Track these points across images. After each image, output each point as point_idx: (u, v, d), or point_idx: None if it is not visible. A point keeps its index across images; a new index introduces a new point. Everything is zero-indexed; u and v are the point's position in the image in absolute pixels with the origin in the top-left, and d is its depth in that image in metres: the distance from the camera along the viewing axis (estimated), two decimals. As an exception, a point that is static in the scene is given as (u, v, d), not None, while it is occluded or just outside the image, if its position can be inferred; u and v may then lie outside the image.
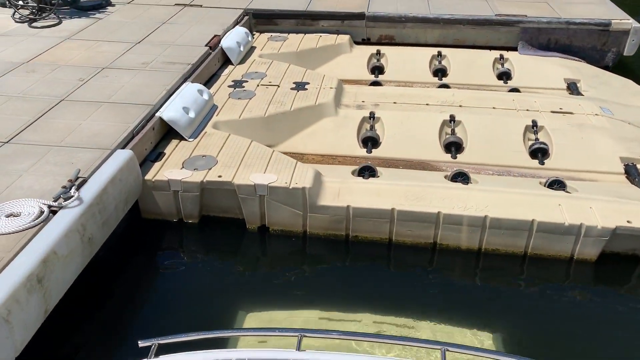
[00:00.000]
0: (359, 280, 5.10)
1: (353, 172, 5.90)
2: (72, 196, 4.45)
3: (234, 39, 8.15)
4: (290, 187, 5.29)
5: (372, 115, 6.90)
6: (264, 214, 5.52)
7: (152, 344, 2.97)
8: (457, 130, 6.73)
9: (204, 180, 5.43)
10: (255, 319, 4.71)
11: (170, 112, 6.07)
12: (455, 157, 6.43)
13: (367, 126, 6.87)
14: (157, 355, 2.95)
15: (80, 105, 6.06)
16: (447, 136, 6.68)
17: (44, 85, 6.53)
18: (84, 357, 4.28)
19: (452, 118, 6.80)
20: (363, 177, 5.74)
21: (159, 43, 7.92)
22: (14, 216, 4.24)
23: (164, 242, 5.62)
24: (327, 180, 5.59)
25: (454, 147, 6.52)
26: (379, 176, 5.83)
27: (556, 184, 5.69)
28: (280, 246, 5.54)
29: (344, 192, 5.46)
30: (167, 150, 5.92)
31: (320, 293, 4.95)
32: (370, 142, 6.61)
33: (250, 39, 8.61)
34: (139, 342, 2.96)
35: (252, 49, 8.66)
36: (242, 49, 8.23)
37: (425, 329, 4.52)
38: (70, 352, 4.32)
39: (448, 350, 2.92)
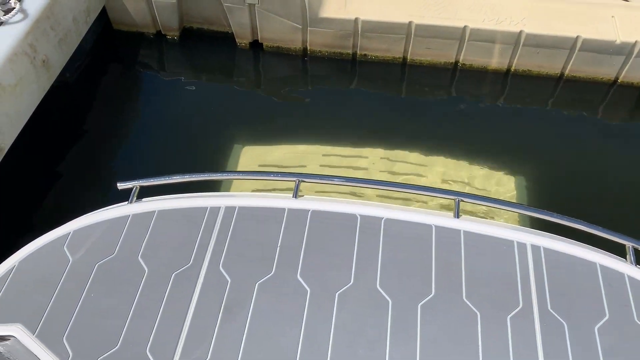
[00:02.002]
0: (367, 107, 4.44)
1: (364, -28, 4.82)
2: (13, 8, 3.57)
3: None
4: (286, -6, 4.32)
5: None
6: (256, 27, 4.63)
7: (133, 187, 2.61)
8: None
9: (181, -16, 4.44)
10: (249, 153, 4.18)
11: None
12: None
13: None
14: (139, 198, 2.61)
15: None
16: None
17: None
18: (55, 202, 3.85)
19: None
20: (376, -21, 4.69)
21: None
22: (-57, 36, 3.44)
23: (141, 59, 4.84)
24: (331, -16, 4.57)
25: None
26: (395, -23, 4.77)
27: (612, -10, 4.65)
28: (276, 65, 4.76)
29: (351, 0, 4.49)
30: (135, -57, 4.78)
31: (322, 122, 4.34)
32: None
33: None
34: (118, 185, 2.62)
35: None
36: None
37: (439, 168, 3.99)
38: (38, 195, 3.88)
39: (462, 200, 2.56)
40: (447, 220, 2.50)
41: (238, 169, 4.09)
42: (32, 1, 3.68)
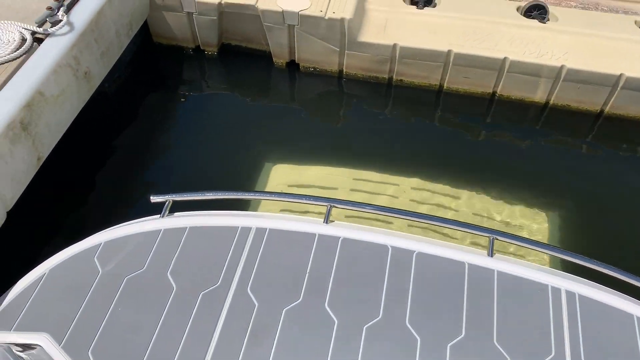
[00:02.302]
0: (400, 132, 4.40)
1: (404, -3, 4.83)
2: (61, 20, 3.66)
3: None
4: (326, 17, 4.33)
5: None
6: (294, 48, 4.65)
7: (166, 201, 2.63)
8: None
9: (222, 2, 4.48)
10: (280, 171, 4.18)
11: None
12: (533, -17, 5.17)
13: None
14: (171, 212, 2.63)
15: None
16: (527, -47, 5.32)
17: None
18: (88, 211, 3.91)
19: None
20: (417, 5, 4.68)
21: None
22: (-8, 44, 3.54)
23: (178, 72, 4.90)
24: (371, 9, 4.57)
25: (533, -32, 5.22)
26: (435, 4, 4.76)
27: (658, 27, 4.56)
28: (311, 86, 4.78)
29: (391, 25, 4.47)
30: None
31: (354, 145, 4.32)
32: (429, -43, 5.33)
33: None
34: (151, 198, 2.65)
35: None
36: None
37: (471, 200, 3.93)
38: (72, 203, 3.94)
39: (497, 238, 2.50)
40: (480, 259, 2.44)
41: (268, 186, 4.09)
42: (78, 14, 3.77)
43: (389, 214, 2.78)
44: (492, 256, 2.45)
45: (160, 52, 4.97)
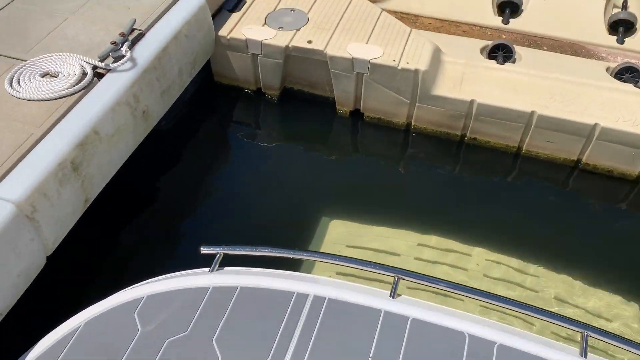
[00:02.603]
0: (472, 196, 4.02)
1: (482, 50, 4.50)
2: (124, 56, 3.48)
3: None
4: (399, 67, 4.04)
5: (515, -28, 5.20)
6: (360, 96, 4.37)
7: (217, 253, 2.41)
8: (630, 4, 4.95)
9: (290, 46, 4.26)
10: (338, 229, 3.85)
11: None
12: (623, 42, 4.77)
13: (507, -14, 5.22)
14: (220, 266, 2.41)
15: None
16: (616, 11, 4.94)
17: None
18: (131, 257, 3.65)
19: (628, -14, 4.99)
20: (496, 59, 4.35)
21: None
22: (51, 76, 3.38)
23: (237, 114, 4.69)
24: (447, 61, 4.26)
25: (622, 27, 4.82)
26: (515, 59, 4.42)
27: None
28: (375, 137, 4.46)
29: (468, 79, 4.15)
30: (249, -2, 4.72)
31: (420, 206, 3.96)
32: (509, 7, 5.01)
33: None
34: (202, 249, 2.43)
35: None
36: None
37: (553, 283, 3.48)
38: (114, 249, 3.70)
39: (590, 335, 2.16)
40: (572, 359, 2.07)
41: (324, 244, 3.78)
42: (142, 50, 3.59)
43: (466, 294, 2.40)
44: (585, 356, 2.11)
45: (220, 92, 4.77)
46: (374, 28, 4.37)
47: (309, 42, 4.27)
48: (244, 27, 4.41)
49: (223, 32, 4.38)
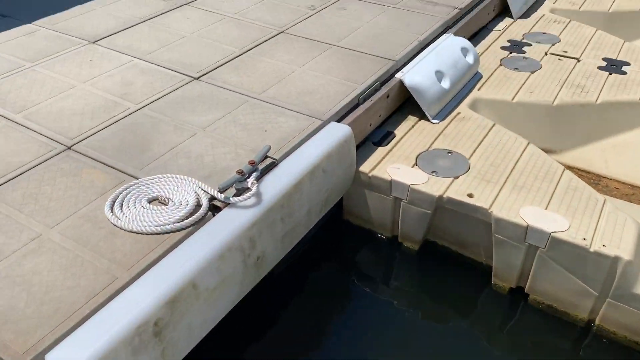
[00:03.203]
0: None
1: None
2: (249, 189, 2.85)
3: (521, -20, 5.78)
4: (592, 250, 3.04)
5: None
6: (528, 274, 3.38)
7: None
8: None
9: (444, 196, 3.45)
10: None
11: (415, 76, 4.12)
12: None
13: None
14: None
15: (300, 43, 4.45)
16: None
17: (267, 7, 5.07)
18: None
19: None
20: None
21: (418, -26, 5.93)
22: (161, 203, 2.80)
23: (366, 262, 3.86)
24: (656, 249, 3.18)
25: None
26: None
27: None
28: (542, 330, 3.38)
29: (688, 280, 3.02)
30: (399, 131, 4.04)
31: None
32: None
33: (543, -16, 6.13)
34: None
35: (542, -1, 6.18)
36: (529, -4, 5.85)
37: None
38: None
39: None
40: None
41: None
42: (270, 184, 2.94)
43: None
44: None
45: (348, 232, 4.01)
46: (555, 190, 3.45)
47: (470, 195, 3.42)
48: (390, 165, 3.69)
49: (365, 167, 3.69)
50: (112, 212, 2.69)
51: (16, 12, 4.82)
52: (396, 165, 3.69)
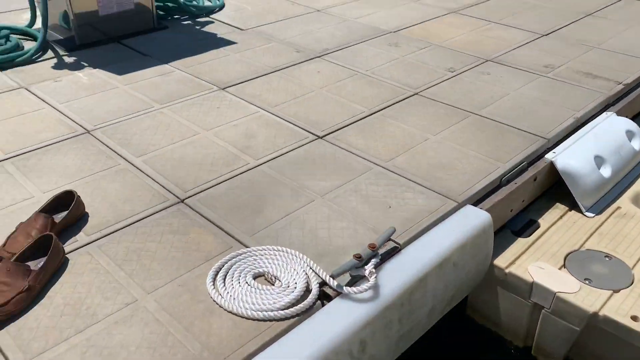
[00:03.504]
0: None
1: None
2: (365, 278, 2.45)
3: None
4: None
5: None
6: None
7: None
8: None
9: (600, 314, 2.81)
10: None
11: (570, 159, 3.54)
12: None
13: None
14: None
15: (436, 108, 4.06)
16: None
17: (402, 66, 4.75)
18: None
19: None
20: None
21: (575, 41, 5.34)
22: (267, 282, 2.48)
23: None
24: None
25: None
26: None
27: None
28: None
29: None
30: (544, 221, 3.47)
31: None
32: None
33: None
34: None
35: None
36: None
37: None
38: None
39: None
40: None
41: None
42: (391, 275, 2.52)
43: None
44: None
45: (471, 332, 3.46)
46: None
47: (634, 318, 2.76)
48: (532, 263, 3.12)
49: (500, 261, 3.16)
50: (214, 285, 2.41)
51: (156, 52, 4.93)
52: (540, 263, 3.11)
